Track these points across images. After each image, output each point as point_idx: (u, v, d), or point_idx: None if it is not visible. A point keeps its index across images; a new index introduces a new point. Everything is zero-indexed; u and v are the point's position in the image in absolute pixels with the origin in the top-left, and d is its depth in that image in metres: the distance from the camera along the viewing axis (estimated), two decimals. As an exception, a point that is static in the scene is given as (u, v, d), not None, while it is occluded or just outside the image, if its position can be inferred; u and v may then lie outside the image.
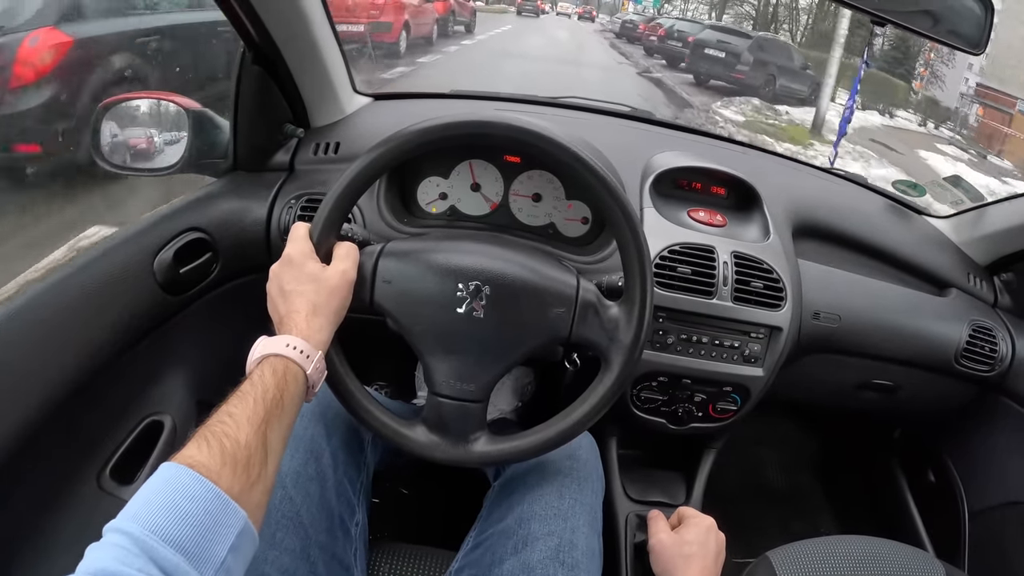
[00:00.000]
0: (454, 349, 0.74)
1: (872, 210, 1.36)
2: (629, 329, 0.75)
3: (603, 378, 0.76)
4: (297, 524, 0.75)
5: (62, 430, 0.76)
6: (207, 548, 0.47)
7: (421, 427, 0.76)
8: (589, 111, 1.44)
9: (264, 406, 0.56)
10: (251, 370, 0.61)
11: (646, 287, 0.75)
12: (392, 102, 1.33)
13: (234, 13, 0.92)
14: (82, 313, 0.80)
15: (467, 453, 0.75)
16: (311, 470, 0.79)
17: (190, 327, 1.00)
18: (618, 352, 0.75)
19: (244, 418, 0.54)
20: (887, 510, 1.54)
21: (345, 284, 0.70)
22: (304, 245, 0.71)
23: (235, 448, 0.52)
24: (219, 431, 0.52)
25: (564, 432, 0.75)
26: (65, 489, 0.78)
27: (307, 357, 0.63)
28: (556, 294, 0.75)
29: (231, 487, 0.50)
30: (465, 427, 0.75)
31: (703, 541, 0.84)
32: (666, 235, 1.05)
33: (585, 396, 0.76)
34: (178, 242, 0.95)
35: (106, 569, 0.42)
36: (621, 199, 0.73)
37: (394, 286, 0.73)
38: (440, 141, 0.73)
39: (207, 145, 1.07)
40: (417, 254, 0.75)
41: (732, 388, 1.07)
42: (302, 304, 0.67)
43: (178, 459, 0.50)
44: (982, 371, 1.20)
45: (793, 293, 1.06)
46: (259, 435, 0.54)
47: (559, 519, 0.79)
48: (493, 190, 1.10)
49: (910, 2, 0.93)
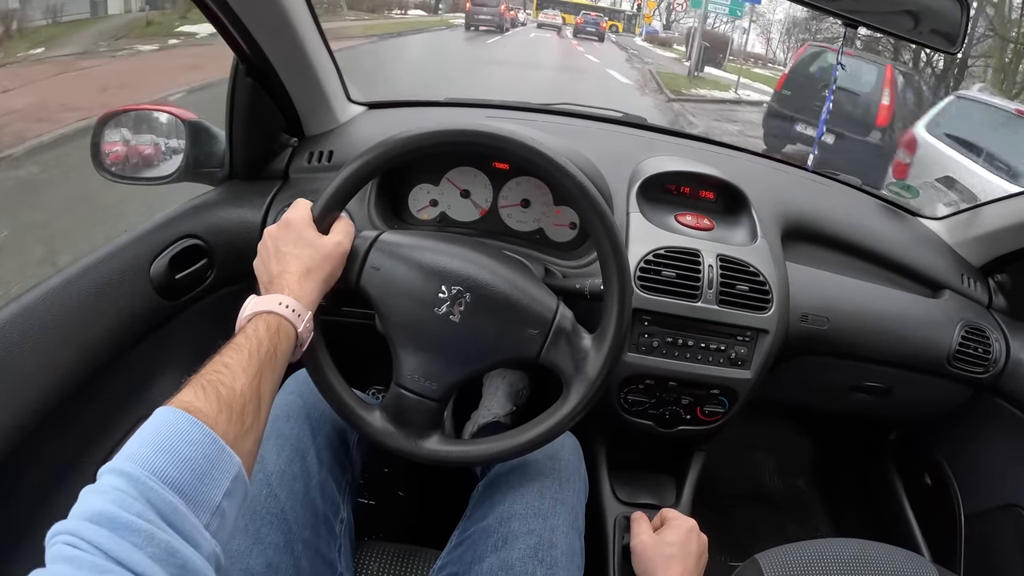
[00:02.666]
0: (424, 346, 0.75)
1: (865, 212, 1.36)
2: (596, 362, 0.76)
3: (561, 406, 0.77)
4: (281, 520, 0.76)
5: (60, 429, 0.78)
6: (204, 492, 0.47)
7: (379, 413, 0.78)
8: (581, 117, 1.45)
9: (258, 359, 0.57)
10: (242, 325, 0.63)
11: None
12: (386, 110, 1.35)
13: (224, 27, 0.95)
14: (80, 316, 0.83)
15: (416, 447, 0.77)
16: (296, 468, 0.80)
17: (185, 331, 1.02)
18: (581, 383, 0.76)
19: (239, 368, 0.55)
20: (883, 513, 1.52)
21: (339, 254, 0.72)
22: (305, 213, 0.74)
23: (231, 396, 0.52)
24: (215, 379, 0.53)
25: (514, 448, 0.77)
26: (63, 486, 0.80)
27: (298, 316, 0.65)
28: (534, 315, 0.76)
29: (226, 433, 0.50)
30: (420, 422, 0.77)
31: (684, 542, 0.84)
32: (651, 239, 1.06)
33: (541, 418, 0.77)
34: (174, 248, 0.98)
35: (104, 512, 0.41)
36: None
37: (381, 274, 0.75)
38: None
39: (203, 155, 1.10)
40: (409, 248, 0.77)
41: (719, 391, 1.08)
42: (296, 266, 0.69)
43: (175, 404, 0.50)
44: (976, 373, 1.20)
45: (779, 296, 1.06)
46: (254, 386, 0.55)
47: (539, 518, 0.80)
48: (482, 196, 1.12)
49: (887, 3, 0.94)
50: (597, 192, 0.75)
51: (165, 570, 0.41)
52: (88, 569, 0.39)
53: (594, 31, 25.51)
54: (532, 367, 0.81)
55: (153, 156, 1.09)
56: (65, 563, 0.39)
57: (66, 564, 0.39)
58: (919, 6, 0.95)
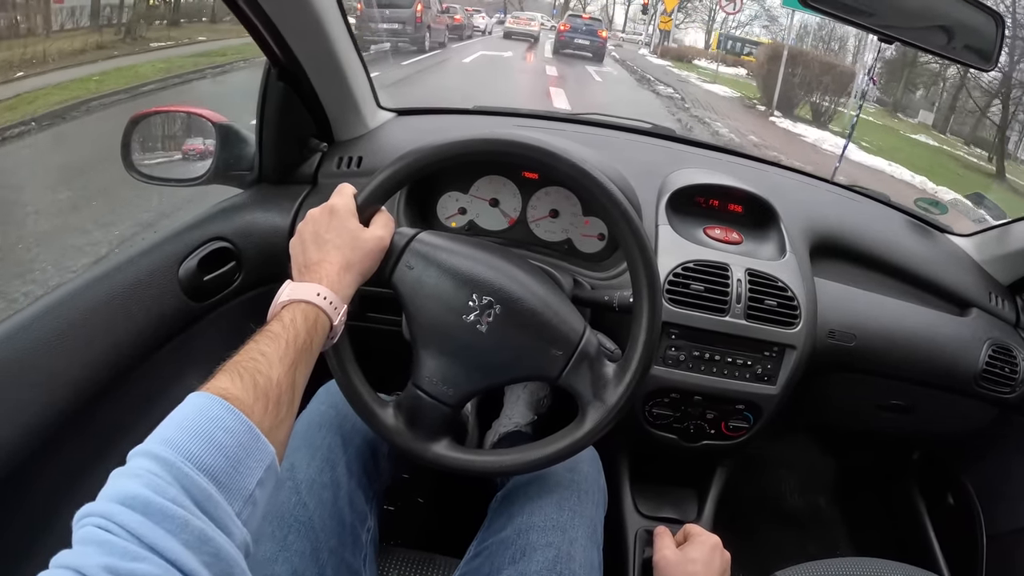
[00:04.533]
0: (447, 351, 0.75)
1: (893, 228, 1.35)
2: (616, 390, 0.75)
3: (575, 429, 0.76)
4: (309, 528, 0.76)
5: (87, 426, 0.79)
6: (238, 480, 0.46)
7: (391, 410, 0.77)
8: (610, 128, 1.45)
9: (295, 349, 0.57)
10: (276, 312, 0.62)
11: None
12: (415, 117, 1.36)
13: (258, 32, 0.96)
14: (109, 316, 0.83)
15: (424, 450, 0.76)
16: (326, 478, 0.81)
17: (212, 333, 1.03)
18: (596, 411, 0.75)
19: (276, 358, 0.54)
20: (904, 532, 1.51)
21: (378, 250, 0.72)
22: (350, 201, 0.73)
23: (267, 386, 0.52)
24: (252, 367, 0.52)
25: (519, 464, 0.76)
26: (86, 483, 0.80)
27: (335, 309, 0.64)
28: (560, 335, 0.75)
29: (262, 422, 0.49)
30: (432, 425, 0.76)
31: (707, 560, 0.83)
32: (680, 252, 1.05)
33: (553, 439, 0.76)
34: (203, 250, 0.99)
35: (138, 495, 0.40)
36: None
37: (413, 273, 0.75)
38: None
39: (233, 158, 1.11)
40: (445, 252, 0.76)
41: (744, 406, 1.07)
42: (337, 257, 0.68)
43: (210, 389, 0.49)
44: (1002, 393, 1.18)
45: (807, 311, 1.06)
46: (289, 376, 0.54)
47: (557, 531, 0.79)
48: (511, 206, 1.12)
49: (922, 18, 0.94)
50: (629, 205, 0.75)
51: (198, 557, 0.40)
52: (120, 555, 0.38)
53: (588, 44, 17.04)
54: (552, 387, 0.80)
55: (206, 152, 1.11)
56: (95, 546, 0.38)
57: (96, 547, 0.38)
58: (953, 21, 0.95)
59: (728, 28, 27.30)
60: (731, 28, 27.84)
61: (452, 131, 0.76)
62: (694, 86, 15.55)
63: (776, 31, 26.51)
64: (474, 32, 20.81)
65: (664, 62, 21.52)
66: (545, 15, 23.71)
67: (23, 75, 6.32)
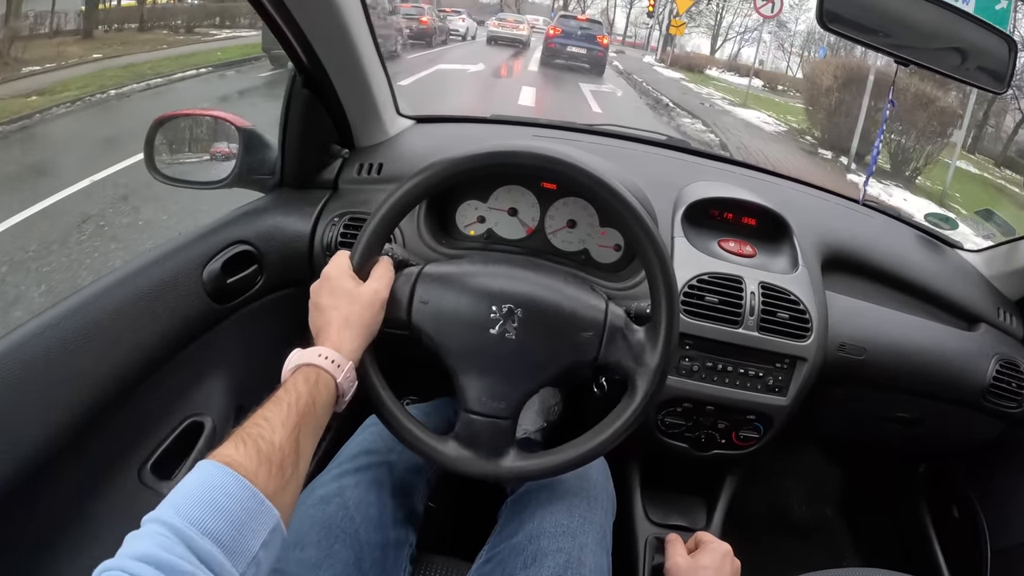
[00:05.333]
0: (486, 368, 0.77)
1: (903, 243, 1.36)
2: (655, 353, 0.77)
3: (629, 401, 0.78)
4: (354, 540, 0.80)
5: (110, 424, 0.80)
6: (241, 542, 0.49)
7: (453, 442, 0.78)
8: (625, 139, 1.47)
9: (297, 411, 0.59)
10: (286, 378, 0.65)
11: (673, 314, 0.77)
12: (434, 125, 1.38)
13: (287, 40, 0.98)
14: (134, 316, 0.84)
15: (497, 468, 0.78)
16: (372, 496, 0.85)
17: (233, 335, 1.04)
18: (644, 375, 0.77)
19: (279, 422, 0.57)
20: (910, 544, 1.51)
21: (377, 301, 0.74)
22: (342, 264, 0.76)
23: (270, 450, 0.55)
24: (255, 433, 0.55)
25: (590, 451, 0.77)
26: (108, 480, 0.82)
27: (337, 366, 0.66)
28: (586, 318, 0.77)
29: (266, 487, 0.52)
30: (495, 443, 0.78)
31: (718, 567, 0.84)
32: (695, 264, 1.07)
33: (611, 418, 0.78)
34: (226, 253, 1.00)
35: (149, 554, 0.44)
36: (652, 233, 0.76)
37: (430, 307, 0.77)
38: (479, 170, 0.77)
39: (256, 162, 1.13)
40: (453, 277, 0.78)
41: (755, 416, 1.08)
42: (335, 317, 0.71)
43: (216, 457, 0.52)
44: (1009, 407, 1.19)
45: (819, 324, 1.07)
46: (292, 439, 0.57)
47: (568, 536, 0.81)
48: (529, 215, 1.14)
49: (936, 40, 0.96)
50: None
51: None
52: None
53: (584, 53, 13.88)
54: (592, 370, 0.81)
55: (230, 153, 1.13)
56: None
57: None
58: (967, 44, 0.96)
59: (734, 34, 26.60)
60: (737, 34, 27.04)
61: (469, 140, 0.78)
62: (725, 113, 12.18)
63: (784, 36, 25.46)
64: (450, 37, 17.70)
65: (676, 73, 18.75)
66: (544, 17, 19.85)
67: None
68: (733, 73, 21.46)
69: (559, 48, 14.18)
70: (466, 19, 20.09)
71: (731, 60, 22.96)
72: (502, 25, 18.56)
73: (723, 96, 15.11)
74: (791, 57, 25.68)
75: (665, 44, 23.60)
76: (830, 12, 0.92)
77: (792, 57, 25.46)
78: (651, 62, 22.36)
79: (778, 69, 24.74)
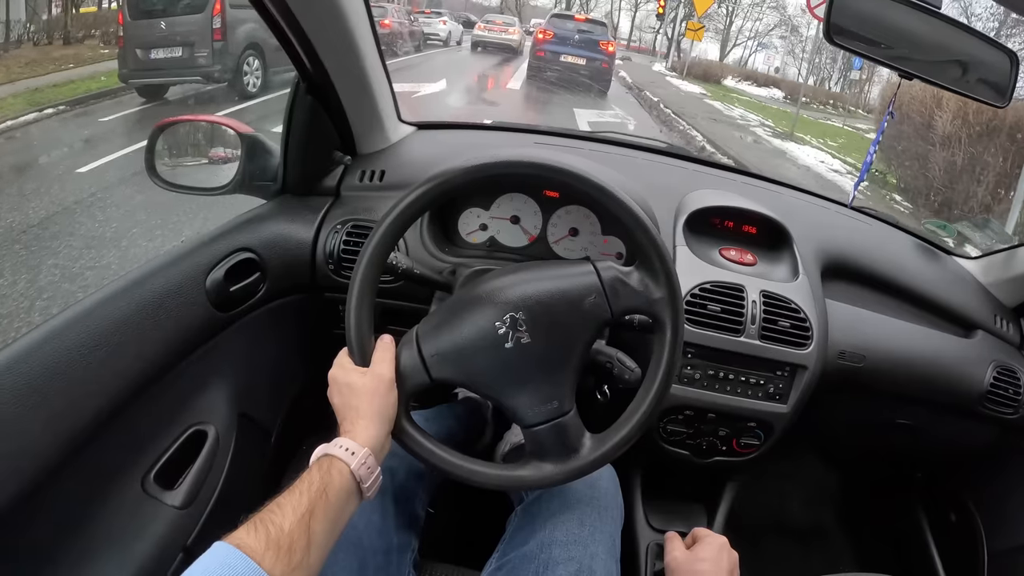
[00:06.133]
0: (522, 380, 0.76)
1: (901, 250, 1.37)
2: (660, 285, 0.77)
3: (663, 337, 0.77)
4: (357, 547, 0.81)
5: (113, 433, 0.80)
6: None
7: (533, 463, 0.77)
8: (626, 146, 1.47)
9: (308, 497, 0.62)
10: (309, 469, 0.68)
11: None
12: (435, 132, 1.38)
13: (292, 47, 0.98)
14: (138, 325, 0.84)
15: (580, 461, 0.77)
16: (375, 503, 0.85)
17: (236, 342, 1.04)
18: (663, 306, 0.77)
19: (290, 508, 0.60)
20: (907, 549, 1.53)
21: (383, 385, 0.74)
22: (343, 361, 0.77)
23: (279, 534, 0.57)
24: (267, 518, 0.59)
25: (656, 395, 0.77)
26: (111, 489, 0.82)
27: (352, 454, 0.68)
28: (581, 286, 0.77)
29: (272, 569, 0.55)
30: (568, 441, 0.77)
31: (716, 558, 0.85)
32: (697, 273, 1.08)
33: (656, 359, 0.78)
34: (229, 261, 1.00)
35: None
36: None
37: (442, 356, 0.76)
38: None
39: (258, 168, 1.13)
40: (447, 320, 0.78)
41: (756, 424, 1.09)
42: (348, 413, 0.73)
43: (230, 539, 0.56)
44: (1006, 414, 1.21)
45: (819, 332, 1.08)
46: (303, 524, 0.60)
47: (579, 546, 0.82)
48: (532, 223, 1.14)
49: (937, 52, 0.96)
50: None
51: None
52: None
53: (583, 64, 11.15)
54: (614, 326, 0.81)
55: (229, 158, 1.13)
56: None
57: None
58: (968, 57, 0.97)
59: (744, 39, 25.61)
60: (747, 39, 26.11)
61: (471, 148, 0.77)
62: (778, 155, 9.12)
63: (795, 42, 23.95)
64: (426, 43, 15.31)
65: (694, 87, 15.92)
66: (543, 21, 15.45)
67: None
68: (750, 83, 20.03)
69: (551, 57, 11.15)
70: (448, 21, 17.74)
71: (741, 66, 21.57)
72: (489, 29, 16.30)
73: (759, 119, 11.93)
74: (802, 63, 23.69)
75: (671, 49, 21.93)
76: (836, 26, 0.93)
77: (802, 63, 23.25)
78: (662, 71, 20.22)
79: (786, 76, 22.91)
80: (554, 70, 11.09)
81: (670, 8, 21.35)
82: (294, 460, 1.27)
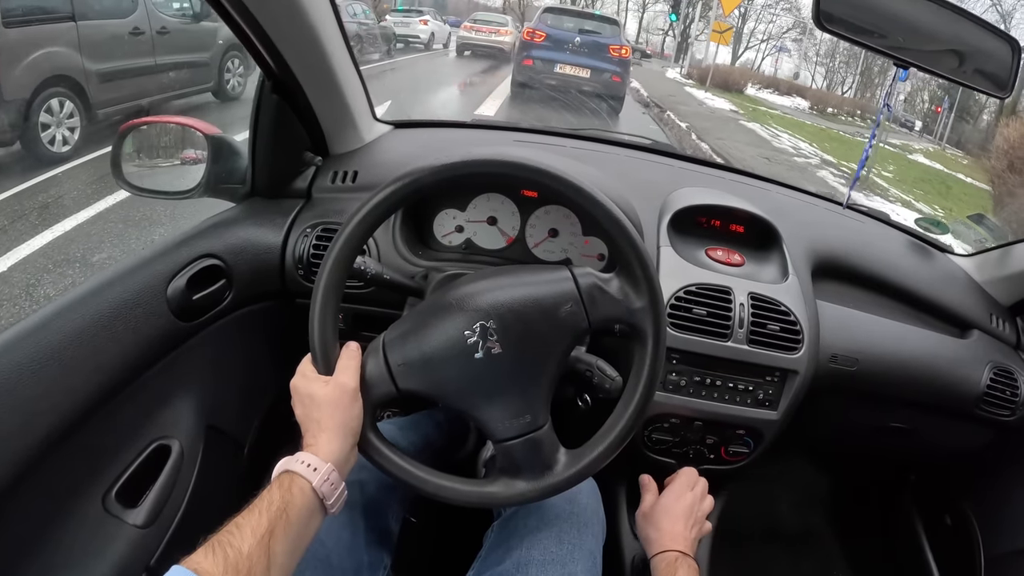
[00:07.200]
0: (492, 392, 0.72)
1: (894, 248, 1.33)
2: (641, 293, 0.73)
3: (643, 350, 0.74)
4: (326, 566, 0.78)
5: (70, 451, 0.77)
6: None
7: (504, 479, 0.74)
8: (609, 143, 1.43)
9: (268, 517, 0.59)
10: (269, 486, 0.65)
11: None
12: (412, 130, 1.33)
13: (252, 44, 0.93)
14: (94, 339, 0.80)
15: (555, 478, 0.73)
16: (343, 517, 0.82)
17: (202, 352, 1.00)
18: (644, 316, 0.73)
19: (249, 529, 0.58)
20: (901, 553, 1.50)
21: (346, 396, 0.70)
22: (306, 370, 0.72)
23: (237, 557, 0.55)
24: (225, 540, 0.56)
25: (635, 409, 0.74)
26: (70, 507, 0.79)
27: (313, 470, 0.65)
28: (557, 294, 0.72)
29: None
30: (541, 457, 0.73)
31: (680, 492, 0.94)
32: (682, 275, 1.04)
33: (636, 372, 0.74)
34: (192, 268, 0.96)
35: None
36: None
37: (410, 365, 0.72)
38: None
39: (225, 171, 1.09)
40: (415, 328, 0.73)
41: (745, 431, 1.06)
42: (310, 424, 0.70)
43: (186, 563, 0.54)
44: (1003, 415, 1.17)
45: (810, 335, 1.04)
46: (262, 546, 0.57)
47: (557, 565, 0.78)
48: (509, 224, 1.09)
49: (934, 42, 0.92)
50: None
51: None
52: None
53: (587, 77, 8.06)
54: (592, 334, 0.77)
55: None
56: None
57: None
58: (966, 46, 0.93)
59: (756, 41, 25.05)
60: (758, 42, 25.60)
61: (448, 146, 0.74)
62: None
63: (808, 45, 23.65)
64: (398, 46, 13.54)
65: (721, 101, 13.79)
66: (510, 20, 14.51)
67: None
68: (772, 90, 18.87)
69: (542, 67, 8.22)
70: (431, 21, 15.47)
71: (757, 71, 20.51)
72: (476, 29, 13.83)
73: (814, 149, 9.77)
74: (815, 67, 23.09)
75: (682, 52, 20.47)
76: (826, 12, 0.89)
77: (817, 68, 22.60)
78: (677, 78, 18.24)
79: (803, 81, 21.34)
80: (549, 84, 8.17)
81: (683, 8, 20.47)
82: (269, 472, 1.24)
